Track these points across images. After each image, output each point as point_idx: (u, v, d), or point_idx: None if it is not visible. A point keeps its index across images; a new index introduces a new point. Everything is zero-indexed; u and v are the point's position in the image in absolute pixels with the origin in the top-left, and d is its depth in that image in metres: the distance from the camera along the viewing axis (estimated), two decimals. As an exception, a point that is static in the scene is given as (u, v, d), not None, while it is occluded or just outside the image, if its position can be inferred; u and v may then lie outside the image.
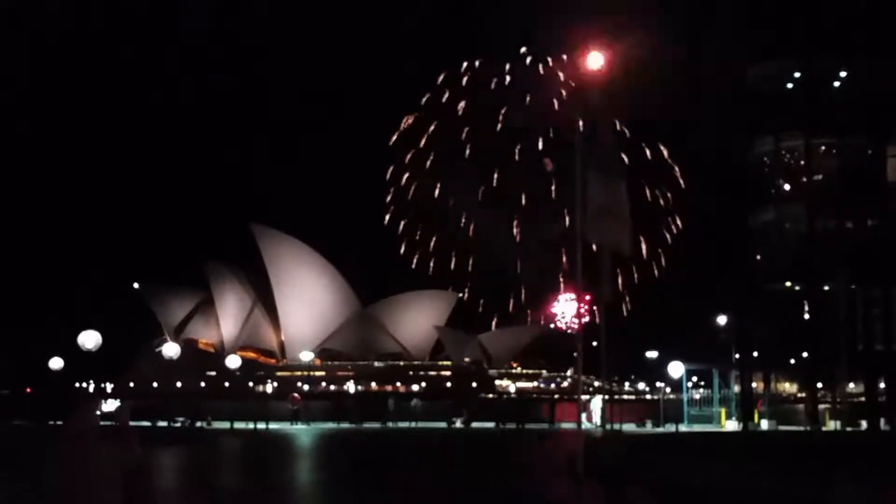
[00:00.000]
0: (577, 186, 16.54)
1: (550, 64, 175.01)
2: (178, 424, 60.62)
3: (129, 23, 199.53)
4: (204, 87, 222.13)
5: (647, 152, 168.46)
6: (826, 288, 62.27)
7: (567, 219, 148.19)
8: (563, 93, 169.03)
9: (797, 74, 64.10)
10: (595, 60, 18.84)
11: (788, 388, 74.68)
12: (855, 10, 60.36)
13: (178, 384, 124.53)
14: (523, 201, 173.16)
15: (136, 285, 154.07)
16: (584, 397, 64.03)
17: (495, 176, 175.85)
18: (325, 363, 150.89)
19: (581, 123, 18.97)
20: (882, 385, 62.90)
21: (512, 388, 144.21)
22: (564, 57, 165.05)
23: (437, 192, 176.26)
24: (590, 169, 16.35)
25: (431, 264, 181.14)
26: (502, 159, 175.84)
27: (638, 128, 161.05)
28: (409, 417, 65.53)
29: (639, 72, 63.58)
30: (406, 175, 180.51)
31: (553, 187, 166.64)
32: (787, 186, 66.14)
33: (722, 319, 69.14)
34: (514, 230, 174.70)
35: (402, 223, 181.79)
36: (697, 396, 66.94)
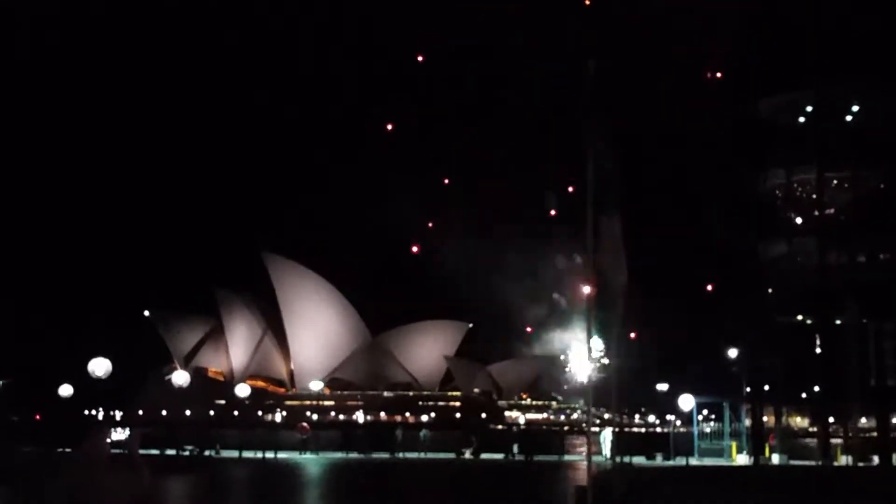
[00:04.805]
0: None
1: None
2: (187, 453, 60.48)
3: (133, 52, 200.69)
4: (216, 110, 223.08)
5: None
6: (837, 322, 62.02)
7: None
8: None
9: (809, 108, 64.17)
10: None
11: (800, 422, 74.16)
12: (868, 42, 60.46)
13: (188, 412, 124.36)
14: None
15: (146, 313, 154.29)
16: (594, 429, 63.69)
17: None
18: (334, 393, 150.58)
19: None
20: (894, 420, 62.49)
21: (521, 420, 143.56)
22: None
23: None
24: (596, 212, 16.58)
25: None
26: None
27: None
28: (417, 448, 65.28)
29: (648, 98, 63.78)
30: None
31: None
32: (798, 219, 66.04)
33: (733, 352, 68.79)
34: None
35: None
36: (708, 430, 66.41)
